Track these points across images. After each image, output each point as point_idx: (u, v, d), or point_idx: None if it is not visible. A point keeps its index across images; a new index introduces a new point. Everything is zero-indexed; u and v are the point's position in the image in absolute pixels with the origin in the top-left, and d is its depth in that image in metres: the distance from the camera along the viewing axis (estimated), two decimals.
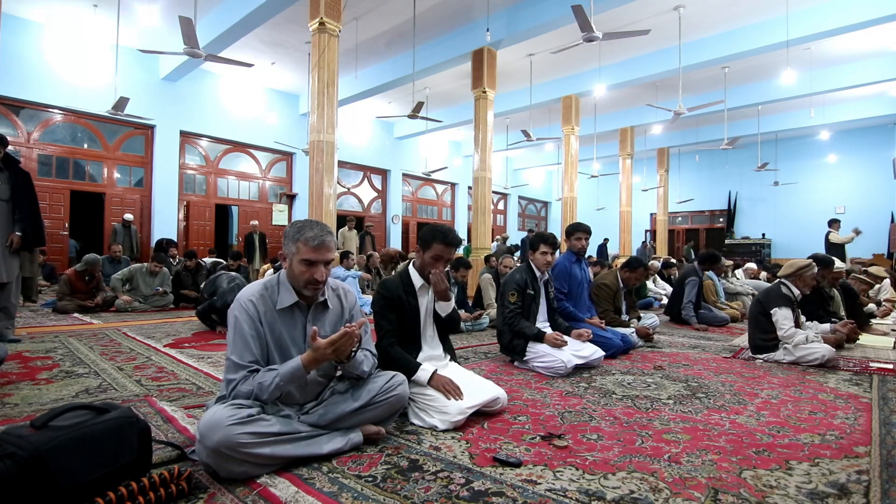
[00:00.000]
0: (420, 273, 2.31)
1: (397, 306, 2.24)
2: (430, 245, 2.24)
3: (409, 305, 2.27)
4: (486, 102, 9.05)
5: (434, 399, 2.01)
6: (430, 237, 2.26)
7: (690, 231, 17.88)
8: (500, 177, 17.54)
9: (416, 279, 2.30)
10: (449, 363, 2.39)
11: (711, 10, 8.33)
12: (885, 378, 2.94)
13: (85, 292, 6.04)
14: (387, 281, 2.33)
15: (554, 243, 3.28)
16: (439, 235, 2.25)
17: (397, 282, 2.30)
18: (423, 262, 2.28)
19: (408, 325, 2.27)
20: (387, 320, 2.23)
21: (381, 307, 2.24)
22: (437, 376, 2.08)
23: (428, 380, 2.07)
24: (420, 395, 2.06)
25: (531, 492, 1.43)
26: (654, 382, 2.80)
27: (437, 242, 2.23)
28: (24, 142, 8.80)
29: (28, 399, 2.30)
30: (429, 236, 2.27)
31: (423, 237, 2.29)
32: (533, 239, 3.33)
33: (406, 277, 2.31)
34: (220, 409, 1.48)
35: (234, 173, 11.77)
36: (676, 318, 5.45)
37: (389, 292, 2.25)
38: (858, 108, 12.46)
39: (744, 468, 1.62)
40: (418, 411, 2.05)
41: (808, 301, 4.07)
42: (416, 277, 2.31)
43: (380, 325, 2.23)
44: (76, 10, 8.33)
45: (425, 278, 2.29)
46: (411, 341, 2.28)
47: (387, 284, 2.30)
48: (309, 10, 6.64)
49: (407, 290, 2.28)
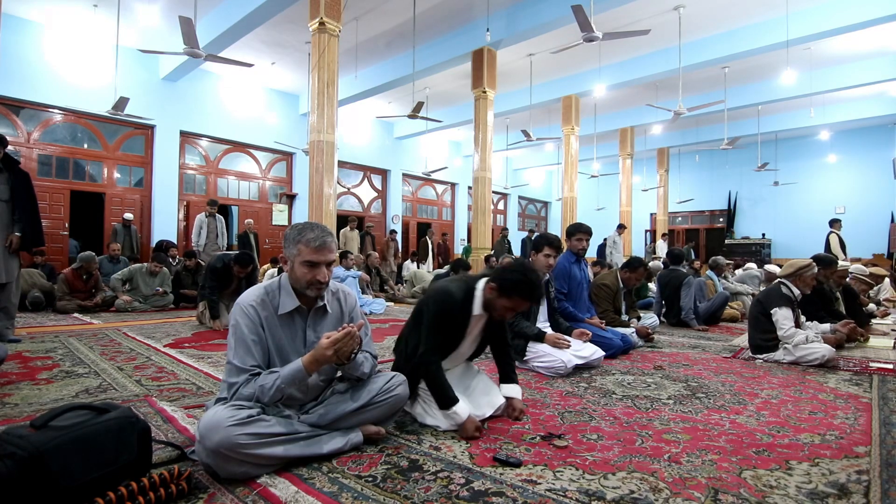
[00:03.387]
0: (485, 304, 2.04)
1: (449, 323, 2.03)
2: (512, 295, 1.95)
3: (456, 327, 2.06)
4: (486, 102, 9.06)
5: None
6: (513, 288, 1.94)
7: (690, 231, 17.88)
8: (500, 177, 17.54)
9: (477, 306, 2.04)
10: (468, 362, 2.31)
11: (711, 10, 8.33)
12: (885, 378, 2.94)
13: (84, 291, 6.04)
14: (453, 292, 2.04)
15: (558, 247, 3.25)
16: (526, 291, 1.95)
17: (460, 299, 2.03)
18: (495, 304, 2.00)
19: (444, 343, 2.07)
20: (441, 335, 2.01)
21: (438, 320, 2.00)
22: (469, 422, 1.90)
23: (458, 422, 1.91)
24: (428, 392, 2.02)
25: (531, 492, 1.43)
26: (654, 382, 2.80)
27: (520, 297, 1.96)
28: (24, 142, 8.80)
29: (28, 399, 2.30)
30: (512, 286, 1.94)
31: (505, 283, 1.95)
32: (537, 240, 3.30)
33: (469, 300, 2.04)
34: (220, 410, 1.48)
35: (234, 173, 11.77)
36: (677, 324, 5.30)
37: (451, 308, 2.02)
38: (858, 108, 12.47)
39: (744, 468, 1.62)
40: (423, 411, 2.04)
41: (811, 301, 4.06)
42: (478, 305, 2.04)
43: (430, 337, 1.99)
44: (76, 10, 8.33)
45: (487, 310, 2.06)
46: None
47: (451, 299, 2.02)
48: (309, 10, 6.65)
49: (463, 311, 2.04)
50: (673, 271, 5.49)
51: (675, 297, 5.32)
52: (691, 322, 5.13)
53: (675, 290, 5.31)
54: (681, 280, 5.30)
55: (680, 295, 5.27)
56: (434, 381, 1.96)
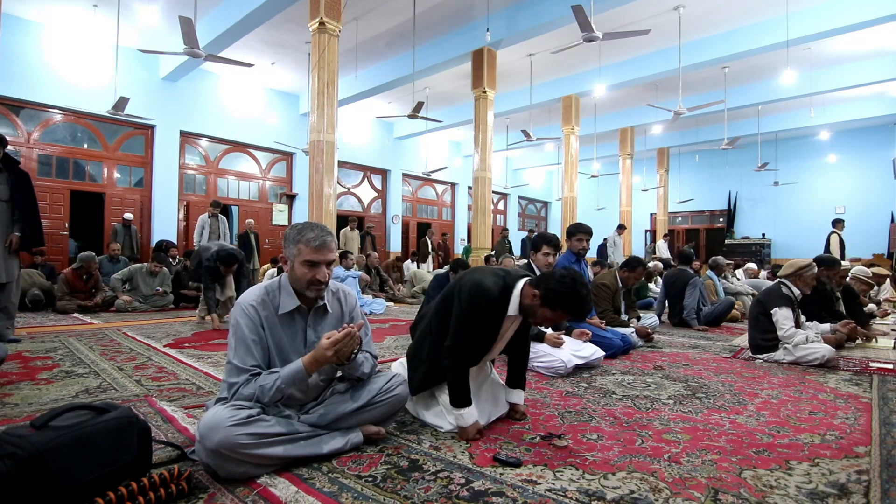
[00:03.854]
0: (521, 307, 1.92)
1: (481, 321, 1.90)
2: (557, 308, 1.81)
3: (489, 326, 1.95)
4: (486, 102, 9.06)
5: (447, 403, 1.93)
6: (559, 300, 1.79)
7: (690, 231, 17.88)
8: (500, 177, 17.54)
9: (513, 307, 1.91)
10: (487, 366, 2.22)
11: (711, 10, 8.33)
12: (885, 378, 2.94)
13: (84, 291, 6.04)
14: (489, 288, 1.90)
15: (557, 245, 3.29)
16: (574, 307, 1.81)
17: (496, 297, 1.90)
18: (535, 312, 1.88)
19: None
20: (471, 332, 1.89)
21: (470, 316, 1.88)
22: (472, 426, 1.87)
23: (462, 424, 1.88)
24: (438, 390, 2.00)
25: (531, 492, 1.43)
26: (654, 382, 2.80)
27: (565, 311, 1.83)
28: (24, 142, 8.80)
29: (28, 399, 2.31)
30: (559, 299, 1.79)
31: (551, 293, 1.81)
32: (536, 240, 3.35)
33: (505, 299, 1.91)
34: (220, 410, 1.48)
35: (234, 173, 11.76)
36: (678, 324, 5.32)
37: (486, 304, 1.89)
38: (858, 108, 12.46)
39: (744, 468, 1.62)
40: (424, 408, 2.05)
41: (812, 301, 4.06)
42: (514, 306, 1.91)
43: (461, 330, 1.88)
44: (76, 10, 8.33)
45: (523, 314, 1.95)
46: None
47: (487, 295, 1.89)
48: (309, 10, 6.64)
49: (498, 310, 1.92)
50: (680, 271, 5.53)
51: (679, 297, 5.34)
52: (692, 322, 5.14)
53: (681, 289, 5.33)
54: (687, 280, 5.33)
55: (684, 294, 5.28)
56: (457, 377, 1.88)
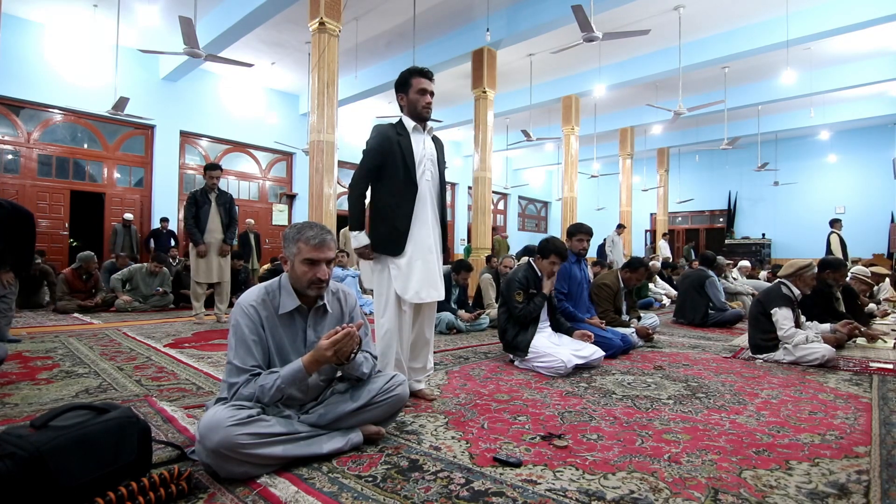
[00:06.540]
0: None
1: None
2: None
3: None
4: (486, 102, 9.05)
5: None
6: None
7: (690, 231, 17.87)
8: (500, 177, 17.52)
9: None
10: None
11: (711, 10, 8.33)
12: (885, 378, 2.94)
13: (84, 291, 6.05)
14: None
15: (565, 256, 3.26)
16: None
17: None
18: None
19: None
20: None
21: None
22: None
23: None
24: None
25: (531, 492, 1.43)
26: (654, 382, 2.80)
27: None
28: (24, 142, 8.80)
29: (28, 399, 2.31)
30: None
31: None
32: (544, 247, 3.26)
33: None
34: (220, 410, 1.48)
35: (234, 173, 11.76)
36: (691, 323, 5.38)
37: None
38: (858, 108, 12.46)
39: (744, 468, 1.62)
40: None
41: (814, 302, 4.06)
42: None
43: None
44: (76, 10, 8.33)
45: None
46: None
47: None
48: (309, 10, 6.64)
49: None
50: (699, 270, 5.63)
51: (689, 295, 5.43)
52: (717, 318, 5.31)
53: (698, 287, 5.43)
54: (703, 279, 5.44)
55: (695, 294, 5.41)
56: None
